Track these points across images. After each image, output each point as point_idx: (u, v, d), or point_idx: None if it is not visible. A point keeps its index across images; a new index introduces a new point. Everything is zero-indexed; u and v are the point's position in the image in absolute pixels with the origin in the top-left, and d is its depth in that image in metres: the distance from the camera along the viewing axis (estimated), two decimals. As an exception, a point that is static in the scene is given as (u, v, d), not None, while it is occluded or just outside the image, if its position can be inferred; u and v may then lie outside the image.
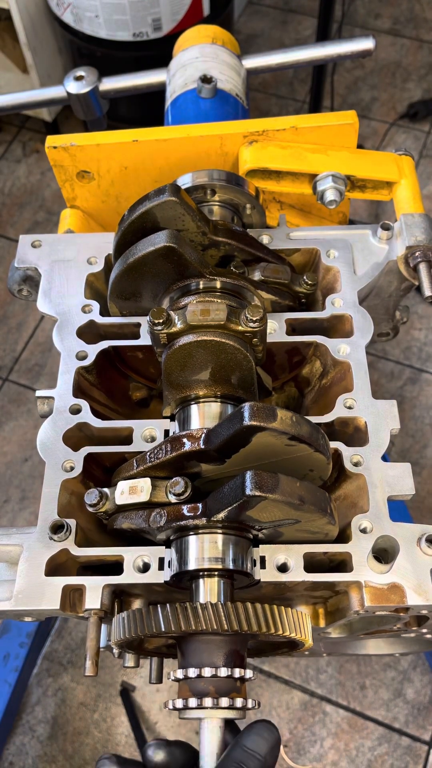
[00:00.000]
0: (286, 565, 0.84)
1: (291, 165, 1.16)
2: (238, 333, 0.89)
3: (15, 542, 0.87)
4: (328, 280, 1.09)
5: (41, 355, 2.91)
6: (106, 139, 1.18)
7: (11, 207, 3.30)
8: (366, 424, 0.94)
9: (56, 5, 2.72)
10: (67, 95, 1.52)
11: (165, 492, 0.84)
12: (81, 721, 2.23)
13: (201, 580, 0.83)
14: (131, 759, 0.75)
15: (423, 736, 2.18)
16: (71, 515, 0.89)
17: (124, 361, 1.08)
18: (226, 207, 1.14)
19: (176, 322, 0.89)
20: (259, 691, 2.25)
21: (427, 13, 3.79)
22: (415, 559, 0.84)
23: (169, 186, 0.94)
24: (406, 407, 2.71)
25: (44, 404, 0.99)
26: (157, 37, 2.65)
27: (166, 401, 0.95)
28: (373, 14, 3.81)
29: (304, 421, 0.77)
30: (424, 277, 1.03)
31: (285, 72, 3.60)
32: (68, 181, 1.24)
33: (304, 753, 2.17)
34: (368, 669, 2.28)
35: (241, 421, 0.75)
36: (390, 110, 3.48)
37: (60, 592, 0.83)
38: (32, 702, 2.26)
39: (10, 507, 2.59)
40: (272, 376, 1.09)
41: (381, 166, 1.17)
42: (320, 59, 1.54)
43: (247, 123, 1.19)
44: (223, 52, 1.42)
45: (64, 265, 1.10)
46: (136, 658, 0.95)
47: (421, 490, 2.54)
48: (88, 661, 0.84)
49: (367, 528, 0.86)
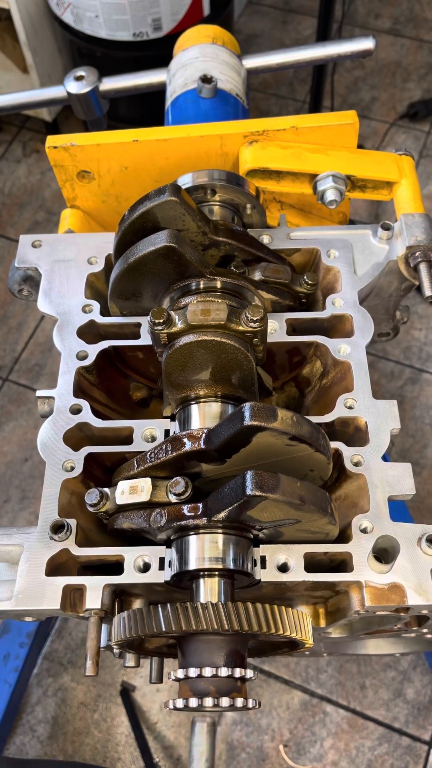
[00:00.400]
0: (287, 565, 0.84)
1: (291, 165, 1.16)
2: (238, 333, 0.89)
3: (15, 542, 0.87)
4: (329, 280, 1.09)
5: (41, 355, 2.90)
6: (107, 139, 1.18)
7: (11, 207, 3.30)
8: (366, 424, 0.94)
9: (56, 5, 2.72)
10: (67, 95, 1.52)
11: (165, 492, 0.84)
12: (81, 721, 2.23)
13: (201, 580, 0.83)
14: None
15: (423, 736, 2.18)
16: (71, 515, 0.89)
17: (125, 361, 1.08)
18: (226, 207, 1.14)
19: (177, 322, 0.89)
20: (259, 691, 2.25)
21: (427, 13, 3.79)
22: (416, 559, 0.84)
23: (169, 186, 0.94)
24: (406, 407, 2.71)
25: (44, 404, 0.99)
26: (157, 37, 2.65)
27: (167, 401, 0.94)
28: (373, 14, 3.80)
29: (304, 421, 0.77)
30: (424, 277, 1.03)
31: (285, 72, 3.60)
32: (68, 181, 1.24)
33: (304, 753, 2.17)
34: (368, 669, 2.28)
35: (242, 421, 0.75)
36: (390, 110, 3.48)
37: (60, 592, 0.83)
38: (32, 702, 2.26)
39: (10, 507, 2.58)
40: (272, 376, 1.09)
41: (381, 166, 1.17)
42: (320, 59, 1.54)
43: (247, 123, 1.19)
44: (224, 52, 1.42)
45: (65, 265, 1.10)
46: (136, 657, 0.95)
47: (421, 490, 2.54)
48: (88, 661, 0.84)
49: (367, 528, 0.86)
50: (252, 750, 2.17)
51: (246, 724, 2.20)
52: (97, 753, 2.18)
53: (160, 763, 2.16)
